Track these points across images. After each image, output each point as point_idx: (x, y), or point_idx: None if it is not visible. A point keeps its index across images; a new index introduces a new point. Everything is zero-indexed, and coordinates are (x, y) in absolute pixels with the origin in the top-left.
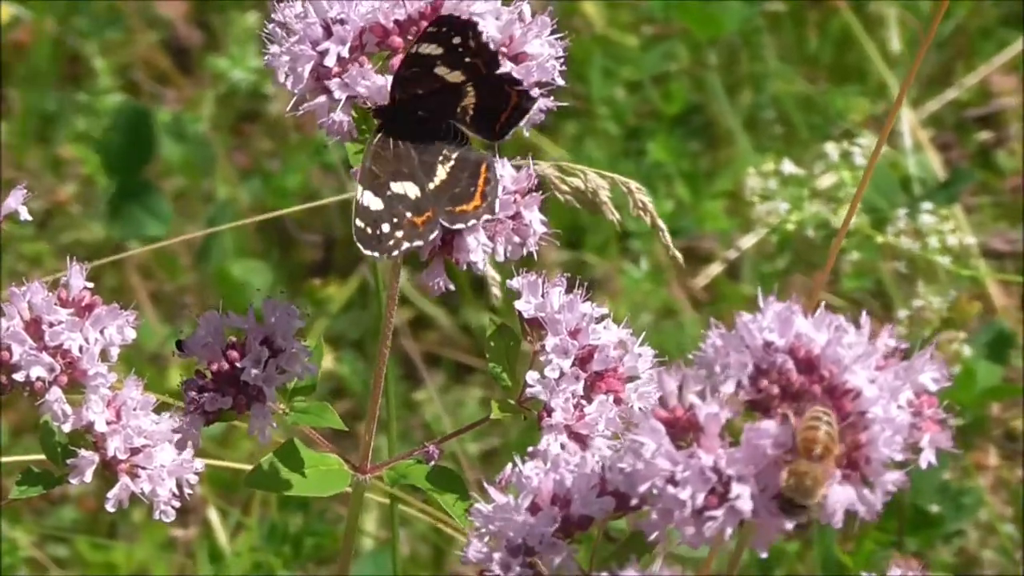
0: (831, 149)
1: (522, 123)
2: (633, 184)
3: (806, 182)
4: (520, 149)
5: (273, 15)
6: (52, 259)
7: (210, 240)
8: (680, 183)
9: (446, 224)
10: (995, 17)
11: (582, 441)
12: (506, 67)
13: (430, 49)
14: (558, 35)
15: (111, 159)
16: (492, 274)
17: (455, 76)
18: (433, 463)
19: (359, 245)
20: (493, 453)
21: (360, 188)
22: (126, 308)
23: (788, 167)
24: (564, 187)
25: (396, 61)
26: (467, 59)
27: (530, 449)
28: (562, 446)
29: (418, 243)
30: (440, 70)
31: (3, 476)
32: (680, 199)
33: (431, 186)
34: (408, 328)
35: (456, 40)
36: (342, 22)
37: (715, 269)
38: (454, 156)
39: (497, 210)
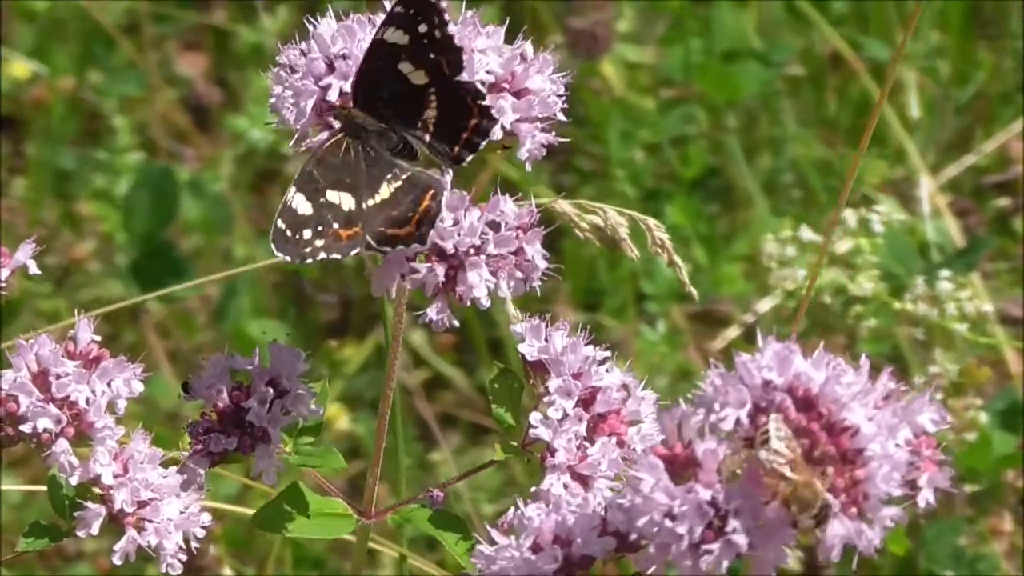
0: (849, 215)
1: (482, 145)
2: (652, 221)
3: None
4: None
5: (278, 58)
6: (70, 316)
7: (227, 299)
8: (697, 246)
9: (373, 244)
10: (1014, 83)
11: (584, 482)
12: (507, 101)
13: (396, 37)
14: (561, 73)
15: (132, 219)
16: (514, 312)
17: (419, 76)
18: (436, 507)
19: (272, 245)
20: None
21: (293, 189)
22: (141, 365)
23: (806, 234)
24: (583, 224)
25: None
26: (431, 54)
27: (532, 489)
28: (565, 486)
29: (335, 256)
30: (404, 66)
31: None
32: (697, 262)
33: (370, 203)
34: (423, 389)
35: (422, 27)
36: (345, 57)
37: (732, 332)
38: (403, 176)
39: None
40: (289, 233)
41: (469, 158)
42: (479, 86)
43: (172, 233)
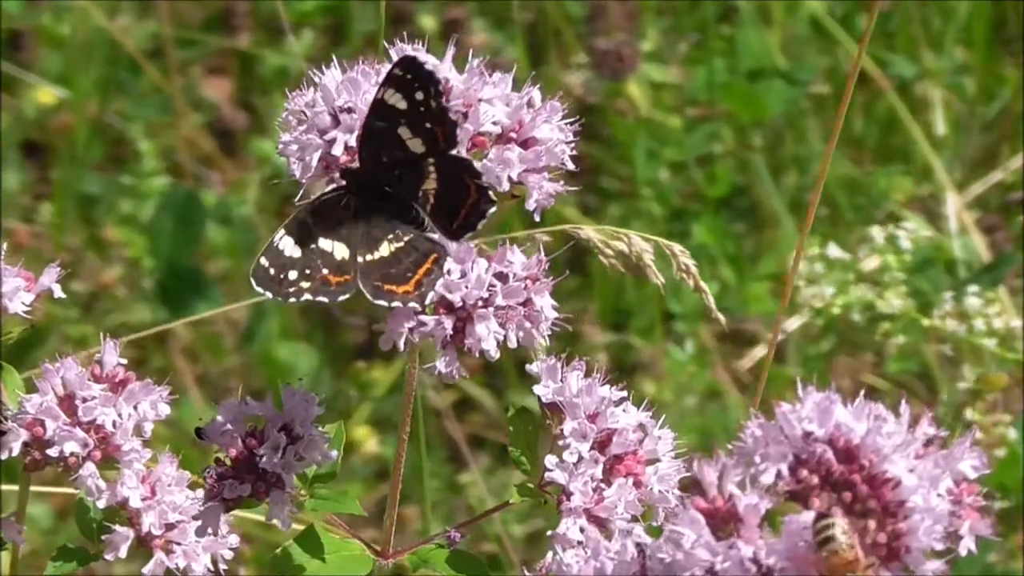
0: (876, 233)
1: (480, 226)
2: (677, 247)
3: (851, 266)
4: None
5: (287, 104)
6: (97, 342)
7: (255, 322)
8: (725, 265)
9: (368, 295)
10: None
11: (602, 524)
12: (514, 153)
13: (394, 99)
14: (569, 120)
15: (159, 243)
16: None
17: (416, 144)
18: (454, 547)
19: (252, 281)
20: (538, 535)
21: (281, 232)
22: (167, 387)
23: (833, 251)
24: (608, 251)
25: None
26: (428, 124)
27: (549, 533)
28: (581, 529)
29: (321, 299)
30: (403, 131)
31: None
32: (725, 281)
33: (368, 258)
34: (452, 411)
35: (419, 95)
36: (350, 110)
37: (760, 351)
38: (405, 239)
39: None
40: (272, 272)
41: (467, 236)
42: (475, 164)
43: (198, 257)
